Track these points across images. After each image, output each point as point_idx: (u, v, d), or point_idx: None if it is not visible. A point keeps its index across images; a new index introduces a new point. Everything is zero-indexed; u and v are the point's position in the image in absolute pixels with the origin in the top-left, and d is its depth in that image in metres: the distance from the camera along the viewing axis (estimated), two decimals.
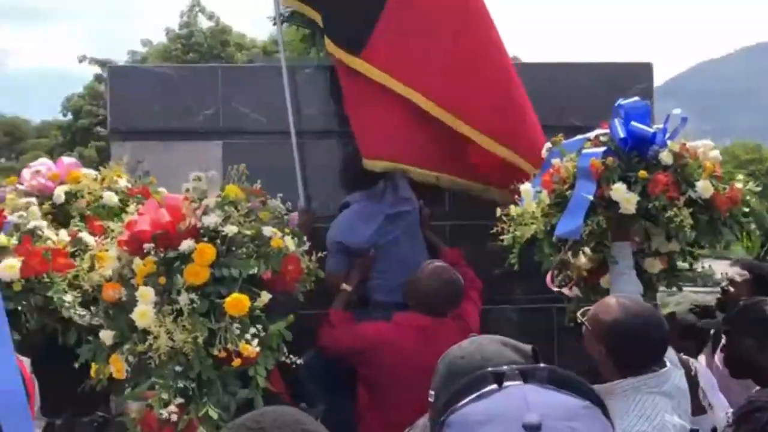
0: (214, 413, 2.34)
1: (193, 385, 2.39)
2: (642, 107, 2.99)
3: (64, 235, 2.77)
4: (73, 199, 3.07)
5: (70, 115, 29.69)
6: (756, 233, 3.09)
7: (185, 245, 2.49)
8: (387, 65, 3.54)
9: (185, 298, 2.42)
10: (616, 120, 2.91)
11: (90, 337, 2.57)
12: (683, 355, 2.96)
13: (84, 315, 2.60)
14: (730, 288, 3.71)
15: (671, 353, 2.41)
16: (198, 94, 4.02)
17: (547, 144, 3.17)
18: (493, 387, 1.03)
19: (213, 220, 2.55)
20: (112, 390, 2.62)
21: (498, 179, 3.58)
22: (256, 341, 2.42)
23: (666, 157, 2.79)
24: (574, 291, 3.31)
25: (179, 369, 2.39)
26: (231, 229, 2.53)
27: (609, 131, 2.96)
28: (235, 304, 2.41)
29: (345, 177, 3.82)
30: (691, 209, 2.71)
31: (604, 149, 2.84)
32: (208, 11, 25.89)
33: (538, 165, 3.26)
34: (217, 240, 2.54)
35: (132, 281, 2.52)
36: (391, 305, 3.47)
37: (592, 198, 2.70)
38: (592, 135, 3.03)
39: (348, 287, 3.44)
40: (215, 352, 2.40)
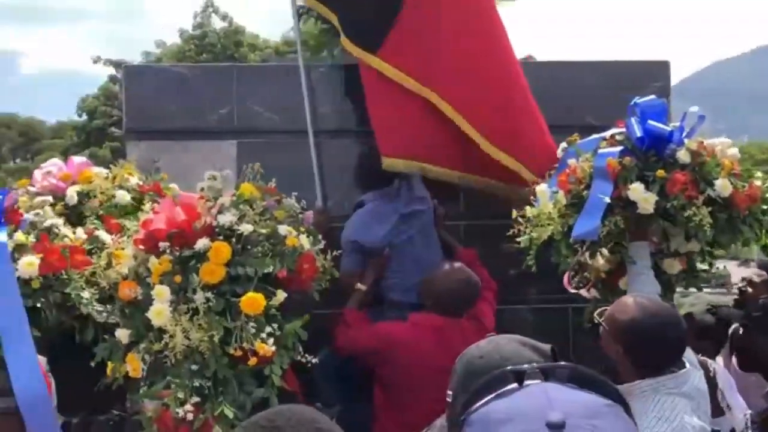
0: (229, 412, 2.33)
1: (209, 384, 2.39)
2: (658, 105, 2.96)
3: (80, 233, 2.77)
4: (86, 199, 3.08)
5: (84, 116, 29.84)
6: None
7: (201, 244, 2.49)
8: (404, 64, 3.53)
9: (201, 296, 2.41)
10: (632, 119, 2.89)
11: (106, 336, 2.58)
12: (701, 356, 2.93)
13: (102, 311, 2.61)
14: (748, 288, 3.68)
15: (690, 354, 2.39)
16: (213, 93, 4.02)
17: (563, 144, 3.14)
18: (514, 386, 1.02)
19: (228, 218, 2.55)
20: (128, 388, 2.62)
21: (510, 178, 3.56)
22: (271, 340, 2.42)
23: (684, 156, 2.77)
24: (592, 293, 3.29)
25: (195, 368, 2.38)
26: (246, 228, 2.53)
27: (625, 130, 2.94)
28: (251, 302, 2.41)
29: (360, 176, 3.81)
30: (710, 208, 2.69)
31: (620, 149, 2.81)
32: (221, 12, 25.97)
33: (539, 171, 3.24)
34: (233, 239, 2.54)
35: (148, 280, 2.52)
36: (406, 305, 3.46)
37: (609, 199, 2.67)
38: (607, 134, 3.01)
39: (362, 287, 3.42)
40: (231, 350, 2.40)
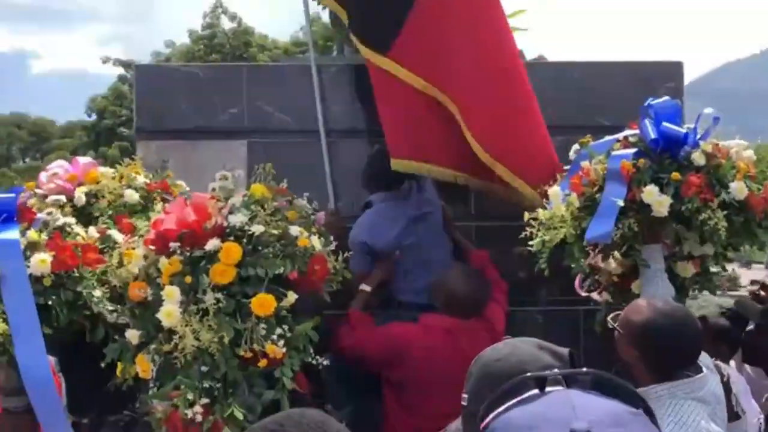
0: (239, 414, 2.31)
1: (219, 386, 2.37)
2: (672, 107, 2.93)
3: (93, 232, 2.77)
4: (94, 200, 3.07)
5: (94, 116, 29.99)
6: None
7: (211, 244, 2.47)
8: (415, 65, 3.50)
9: (211, 297, 2.39)
10: (646, 120, 2.86)
11: (116, 336, 2.57)
12: (715, 360, 2.91)
13: (113, 310, 2.60)
14: (761, 292, 3.66)
15: (706, 358, 2.37)
16: (223, 93, 4.03)
17: (575, 146, 3.12)
18: (535, 392, 1.00)
19: (239, 219, 2.53)
20: (138, 389, 2.61)
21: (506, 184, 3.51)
22: (282, 342, 2.40)
23: (698, 158, 2.73)
24: (603, 296, 3.26)
25: (205, 369, 2.36)
26: (257, 229, 2.51)
27: (639, 132, 2.91)
28: (262, 304, 2.39)
29: (369, 177, 3.79)
30: (726, 211, 2.65)
31: (634, 151, 2.78)
32: (230, 12, 26.03)
33: (537, 181, 3.22)
34: (243, 239, 2.52)
35: (158, 280, 2.50)
36: (416, 307, 3.44)
37: (622, 202, 2.65)
38: (621, 136, 2.98)
39: (367, 288, 3.40)
40: (241, 352, 2.38)
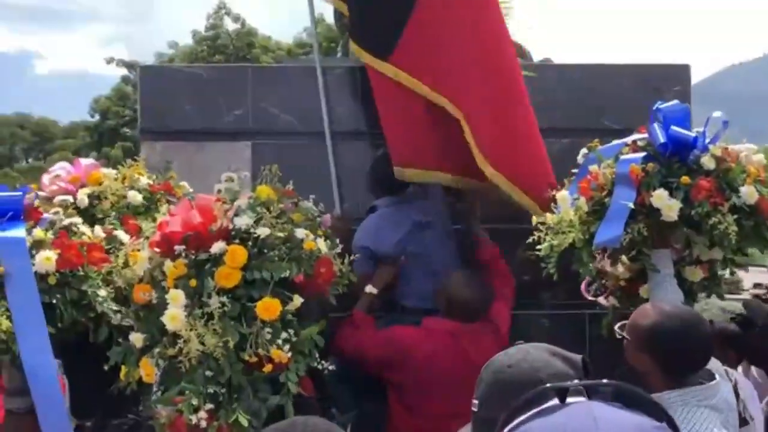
0: (244, 420, 2.29)
1: (223, 391, 2.34)
2: (681, 111, 2.92)
3: (99, 232, 2.75)
4: (97, 201, 3.06)
5: (97, 116, 30.02)
6: None
7: (216, 247, 2.44)
8: (417, 70, 3.46)
9: (216, 301, 2.37)
10: (655, 124, 2.84)
11: (120, 339, 2.55)
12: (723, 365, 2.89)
13: (117, 310, 2.58)
14: (766, 295, 3.64)
15: (718, 365, 2.35)
16: (228, 94, 4.01)
17: (583, 150, 3.10)
18: (555, 402, 0.98)
19: (245, 221, 2.50)
20: (142, 392, 2.59)
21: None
22: (287, 346, 2.37)
23: (708, 162, 2.72)
24: (610, 300, 3.24)
25: (209, 374, 2.34)
26: (263, 231, 2.48)
27: (647, 136, 2.89)
28: (267, 308, 2.36)
29: (374, 181, 3.78)
30: (736, 216, 2.64)
31: (643, 155, 2.76)
32: (234, 14, 26.05)
33: (532, 188, 3.23)
34: (249, 242, 2.49)
35: (163, 283, 2.48)
36: (420, 311, 3.42)
37: (632, 206, 2.63)
38: (629, 140, 2.97)
39: (374, 290, 3.38)
40: (246, 357, 2.35)
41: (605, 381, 1.01)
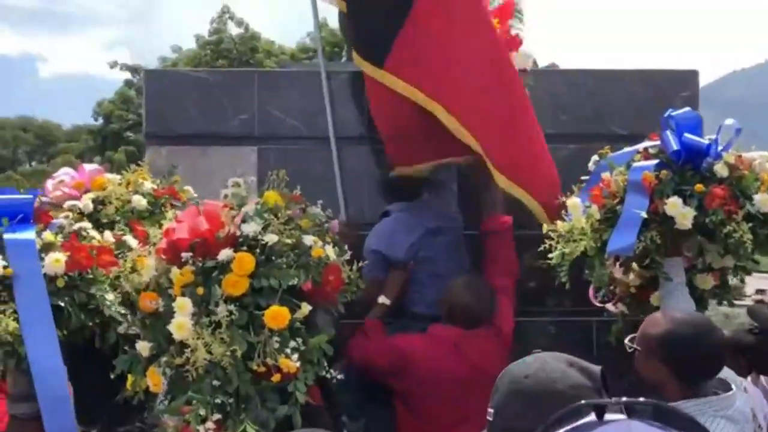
0: (252, 430, 2.26)
1: (231, 401, 2.31)
2: (693, 118, 2.89)
3: (108, 237, 2.73)
4: (101, 206, 3.04)
5: (100, 120, 30.02)
6: None
7: (224, 254, 2.41)
8: (413, 77, 3.37)
9: (223, 309, 2.34)
10: (667, 131, 2.82)
11: (126, 347, 2.52)
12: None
13: (124, 314, 2.56)
14: None
15: (733, 374, 2.33)
16: (234, 98, 3.97)
17: (594, 157, 3.08)
18: (593, 419, 0.95)
19: (252, 228, 2.47)
20: (148, 399, 2.56)
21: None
22: (296, 356, 2.34)
23: (721, 170, 2.70)
24: (619, 307, 3.21)
25: (217, 383, 2.31)
26: (271, 238, 2.45)
27: (659, 143, 2.87)
28: (275, 316, 2.33)
29: (387, 187, 3.74)
30: (750, 224, 2.62)
31: (656, 162, 2.74)
32: (237, 18, 26.03)
33: (538, 192, 3.20)
34: (257, 249, 2.46)
35: (169, 291, 2.45)
36: (429, 318, 3.39)
37: (645, 214, 2.60)
38: (640, 147, 2.94)
39: (387, 301, 3.36)
40: (254, 366, 2.32)
41: (643, 399, 0.98)
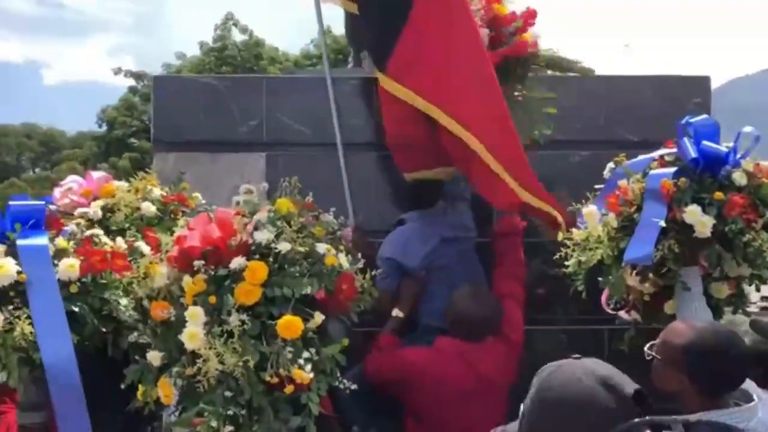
0: None
1: (243, 412, 2.27)
2: (711, 125, 2.86)
3: (121, 243, 2.71)
4: (110, 214, 3.02)
5: (105, 126, 30.06)
6: None
7: (236, 263, 2.38)
8: (413, 83, 3.30)
9: (236, 318, 2.30)
10: (685, 139, 2.79)
11: (137, 357, 2.48)
12: None
13: (137, 320, 2.54)
14: None
15: (753, 385, 2.28)
16: (242, 104, 3.95)
17: (610, 164, 3.04)
18: None
19: (265, 236, 2.44)
20: (159, 408, 2.52)
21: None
22: (309, 366, 2.30)
23: (739, 178, 2.68)
24: (632, 315, 3.17)
25: (229, 394, 2.27)
26: (284, 246, 2.42)
27: (676, 150, 2.84)
28: (288, 326, 2.29)
29: (403, 194, 3.71)
30: None
31: (674, 169, 2.71)
32: (241, 25, 26.06)
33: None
34: (269, 257, 2.43)
35: (181, 300, 2.41)
36: (440, 331, 3.35)
37: (663, 223, 2.57)
38: (656, 155, 2.91)
39: (400, 314, 3.33)
40: (267, 377, 2.28)
41: (704, 420, 0.95)
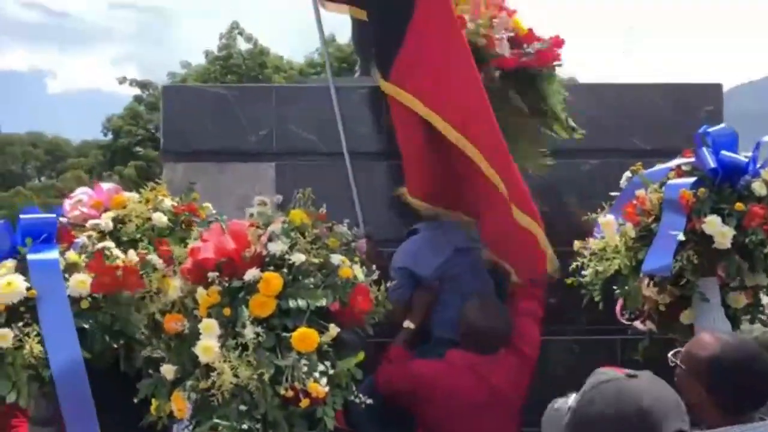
0: None
1: (258, 426, 2.23)
2: (729, 134, 2.84)
3: (133, 256, 2.67)
4: (120, 225, 2.98)
5: (110, 135, 30.15)
6: None
7: (250, 274, 2.35)
8: (414, 89, 3.27)
9: (251, 331, 2.26)
10: (704, 149, 2.76)
11: (150, 371, 2.45)
12: None
13: (149, 336, 2.50)
14: None
15: None
16: (252, 114, 3.93)
17: (626, 173, 3.01)
18: None
19: (279, 247, 2.41)
20: (172, 421, 2.48)
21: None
22: (324, 380, 2.26)
23: (759, 188, 2.65)
24: (647, 325, 3.13)
25: (244, 408, 2.23)
26: (298, 258, 2.39)
27: (694, 160, 2.81)
28: (303, 338, 2.25)
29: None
30: None
31: (693, 180, 2.68)
32: (246, 33, 26.14)
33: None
34: (284, 269, 2.40)
35: (195, 312, 2.38)
36: (452, 343, 3.31)
37: (682, 234, 2.53)
38: (674, 164, 2.88)
39: (412, 325, 3.29)
40: (282, 391, 2.24)
41: None
